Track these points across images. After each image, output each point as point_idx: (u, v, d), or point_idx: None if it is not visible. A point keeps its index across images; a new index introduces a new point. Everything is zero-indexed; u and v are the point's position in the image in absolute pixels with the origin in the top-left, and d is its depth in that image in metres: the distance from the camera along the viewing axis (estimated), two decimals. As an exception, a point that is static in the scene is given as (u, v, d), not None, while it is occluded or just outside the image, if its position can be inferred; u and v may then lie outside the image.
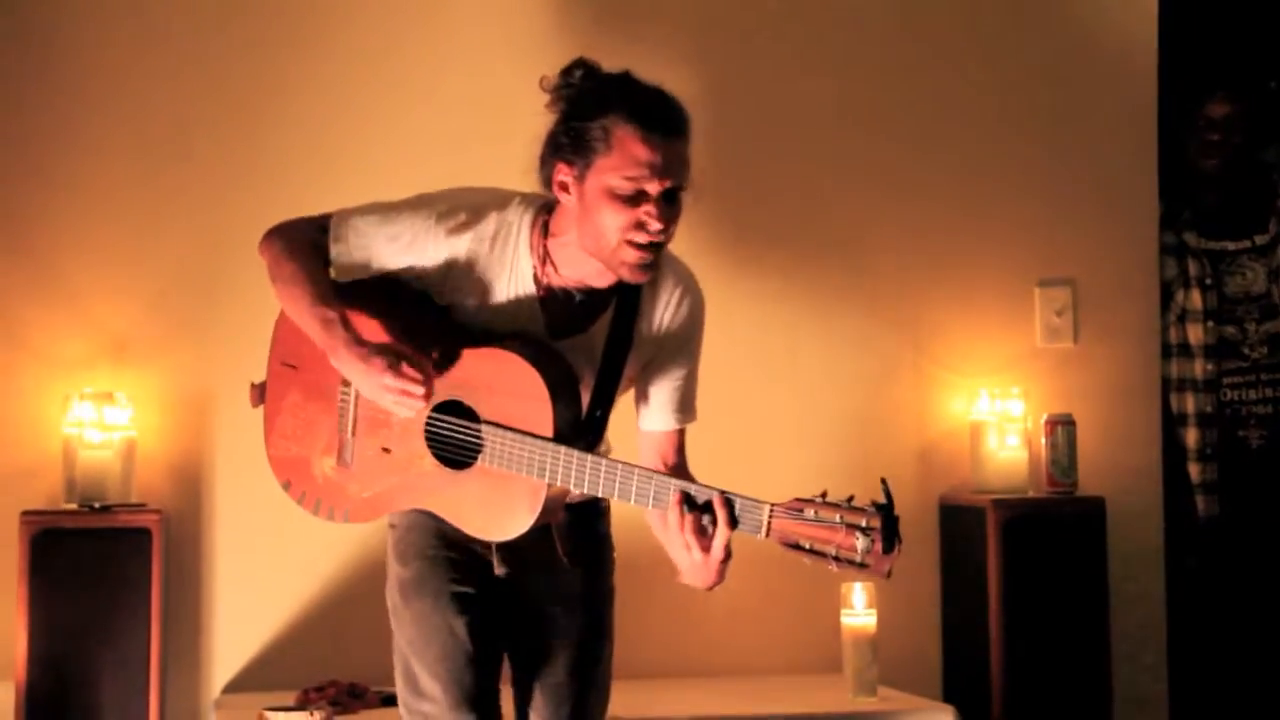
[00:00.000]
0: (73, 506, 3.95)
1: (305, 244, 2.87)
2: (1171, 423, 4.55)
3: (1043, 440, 4.29)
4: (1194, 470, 4.56)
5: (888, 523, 2.55)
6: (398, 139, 4.20)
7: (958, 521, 4.32)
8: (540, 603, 2.96)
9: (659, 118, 2.75)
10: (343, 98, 4.21)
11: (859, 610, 3.95)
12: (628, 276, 2.79)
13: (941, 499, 4.37)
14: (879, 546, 2.55)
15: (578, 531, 2.97)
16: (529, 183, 2.87)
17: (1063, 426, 4.28)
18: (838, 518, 2.58)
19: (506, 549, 2.93)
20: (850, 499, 2.60)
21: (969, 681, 4.24)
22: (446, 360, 2.83)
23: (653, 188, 2.73)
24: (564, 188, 2.79)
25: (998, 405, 4.32)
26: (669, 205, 2.76)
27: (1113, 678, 4.19)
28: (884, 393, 4.38)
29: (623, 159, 2.72)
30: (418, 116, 4.21)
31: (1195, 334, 4.56)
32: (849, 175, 4.41)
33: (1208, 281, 4.58)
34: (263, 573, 4.10)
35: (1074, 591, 4.19)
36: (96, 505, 3.91)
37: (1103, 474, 4.36)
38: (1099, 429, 4.40)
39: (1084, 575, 4.19)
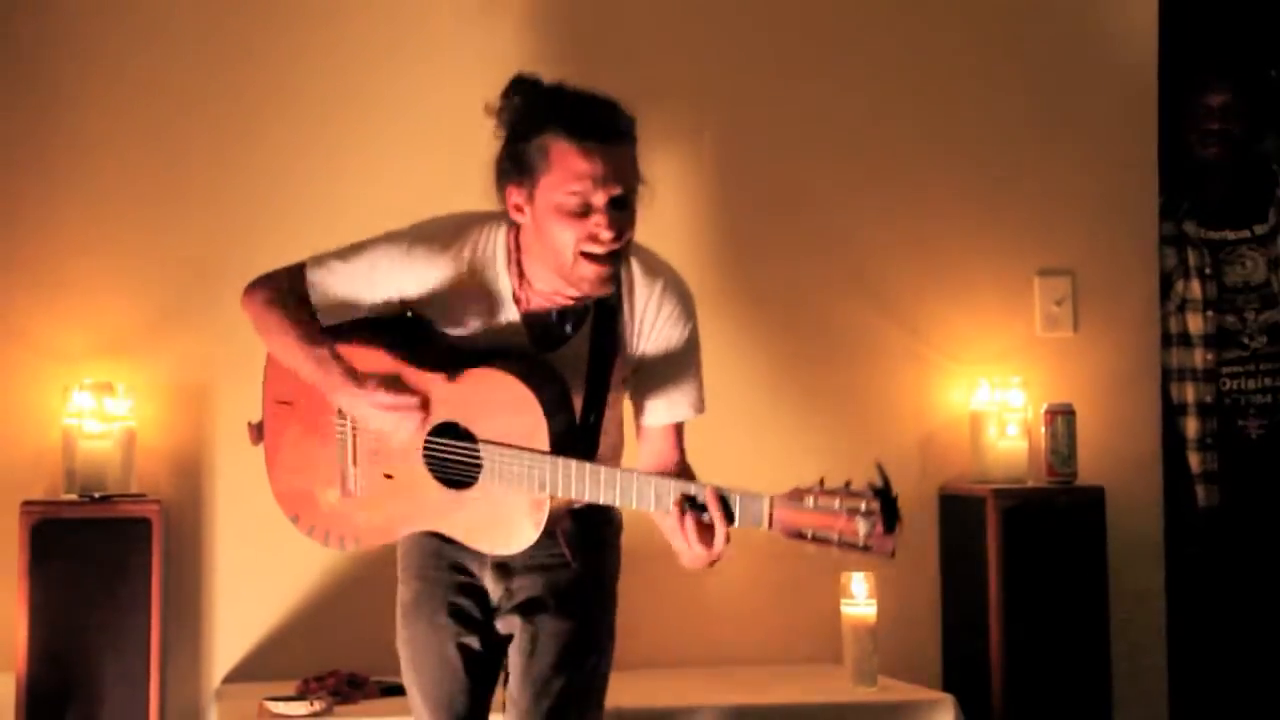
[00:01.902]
0: (73, 497, 3.95)
1: (285, 292, 2.90)
2: (1171, 412, 4.55)
3: (1042, 430, 4.29)
4: (1194, 460, 4.55)
5: (886, 504, 2.57)
6: (395, 138, 4.19)
7: (958, 511, 4.32)
8: (533, 602, 2.95)
9: (594, 125, 2.73)
10: (341, 97, 4.20)
11: (859, 600, 3.95)
12: (588, 290, 2.79)
13: (941, 488, 4.37)
14: (880, 527, 2.57)
15: (582, 536, 2.97)
16: None
17: (1062, 416, 4.28)
18: (837, 503, 2.59)
19: (502, 568, 2.94)
20: (848, 484, 2.61)
21: (969, 670, 4.24)
22: (438, 381, 2.84)
23: (598, 198, 2.72)
24: (518, 209, 2.79)
25: (997, 395, 4.31)
26: (619, 212, 2.74)
27: (1112, 666, 4.19)
28: (884, 382, 4.38)
29: (563, 174, 2.72)
30: (416, 117, 4.20)
31: (1195, 323, 4.56)
32: (848, 165, 4.40)
33: (1207, 271, 4.57)
34: (263, 562, 4.10)
35: (1073, 581, 4.18)
36: (96, 495, 3.91)
37: (1102, 464, 4.36)
38: (1099, 419, 4.39)
39: (1084, 564, 4.19)
